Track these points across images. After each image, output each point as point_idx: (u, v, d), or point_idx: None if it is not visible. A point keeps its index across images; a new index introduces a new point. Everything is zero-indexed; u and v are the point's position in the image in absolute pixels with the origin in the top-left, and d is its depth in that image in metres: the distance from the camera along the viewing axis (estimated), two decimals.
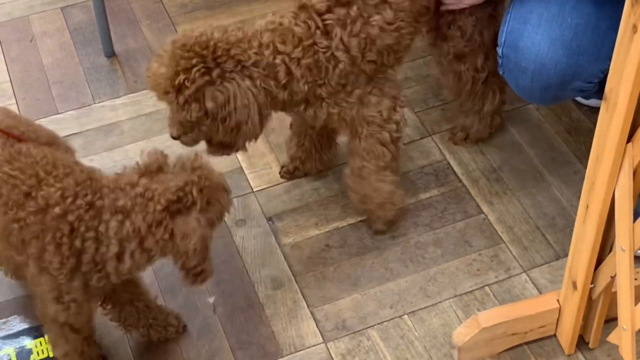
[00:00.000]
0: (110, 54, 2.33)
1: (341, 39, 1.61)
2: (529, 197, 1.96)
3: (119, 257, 1.41)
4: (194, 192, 1.42)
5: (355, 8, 1.62)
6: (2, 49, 2.36)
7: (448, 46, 1.86)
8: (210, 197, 1.45)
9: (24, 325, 1.76)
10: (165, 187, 1.41)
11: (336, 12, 1.61)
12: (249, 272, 1.85)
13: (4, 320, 1.77)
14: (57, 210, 1.38)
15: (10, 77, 2.28)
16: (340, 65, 1.62)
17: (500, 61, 1.75)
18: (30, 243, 1.40)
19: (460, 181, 2.00)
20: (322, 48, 1.61)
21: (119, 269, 1.43)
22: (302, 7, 1.63)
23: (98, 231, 1.40)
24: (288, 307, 1.79)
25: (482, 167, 2.02)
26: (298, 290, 1.81)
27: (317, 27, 1.61)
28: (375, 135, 1.74)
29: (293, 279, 1.83)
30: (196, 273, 1.46)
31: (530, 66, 1.67)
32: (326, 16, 1.61)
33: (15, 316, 1.78)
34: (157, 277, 1.82)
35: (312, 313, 1.77)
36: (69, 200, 1.39)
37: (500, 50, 1.73)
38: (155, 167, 1.46)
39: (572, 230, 1.51)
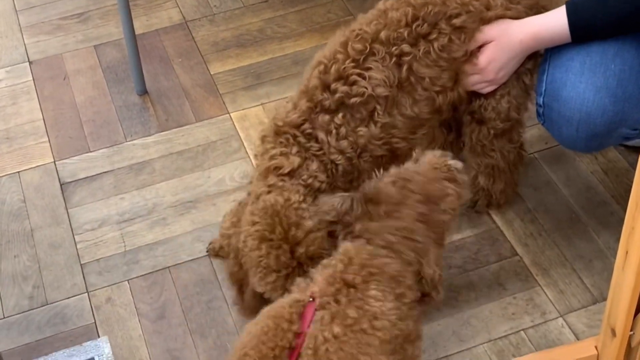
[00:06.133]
0: (143, 92, 2.34)
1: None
2: (564, 239, 1.92)
3: None
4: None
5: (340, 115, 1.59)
6: (35, 87, 2.38)
7: (487, 128, 1.78)
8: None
9: None
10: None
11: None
12: None
13: None
14: None
15: (43, 115, 2.29)
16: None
17: (539, 110, 1.70)
18: None
19: (494, 222, 1.96)
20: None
21: None
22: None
23: None
24: None
25: (517, 208, 1.99)
26: None
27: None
28: None
29: None
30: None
31: (575, 116, 1.63)
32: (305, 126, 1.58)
33: None
34: (187, 318, 1.80)
35: None
36: None
37: (541, 99, 1.68)
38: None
39: (609, 273, 1.47)
